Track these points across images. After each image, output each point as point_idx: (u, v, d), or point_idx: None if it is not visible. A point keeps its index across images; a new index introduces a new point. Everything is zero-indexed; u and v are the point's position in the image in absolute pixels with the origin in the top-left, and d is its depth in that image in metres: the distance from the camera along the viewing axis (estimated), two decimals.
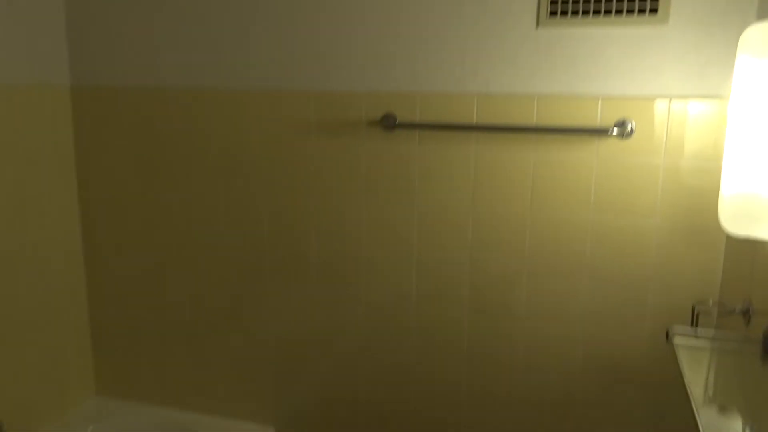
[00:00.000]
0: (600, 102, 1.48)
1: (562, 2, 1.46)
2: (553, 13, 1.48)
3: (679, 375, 1.11)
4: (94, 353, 2.06)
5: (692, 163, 1.46)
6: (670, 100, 1.44)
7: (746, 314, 1.27)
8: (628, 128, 1.47)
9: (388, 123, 1.61)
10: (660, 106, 1.45)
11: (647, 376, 1.58)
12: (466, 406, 1.74)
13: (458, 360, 1.71)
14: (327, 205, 1.72)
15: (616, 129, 1.47)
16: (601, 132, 1.47)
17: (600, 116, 1.48)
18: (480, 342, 1.69)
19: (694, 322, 1.29)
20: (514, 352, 1.67)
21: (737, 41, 1.38)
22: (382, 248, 1.70)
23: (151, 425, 1.93)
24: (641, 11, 1.42)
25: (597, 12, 1.45)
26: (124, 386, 2.06)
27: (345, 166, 1.69)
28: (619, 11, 1.43)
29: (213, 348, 1.94)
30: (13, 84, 1.70)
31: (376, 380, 1.80)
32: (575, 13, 1.46)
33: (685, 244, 1.49)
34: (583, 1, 1.45)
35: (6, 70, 1.68)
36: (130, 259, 1.94)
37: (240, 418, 1.95)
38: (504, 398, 1.70)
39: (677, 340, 1.23)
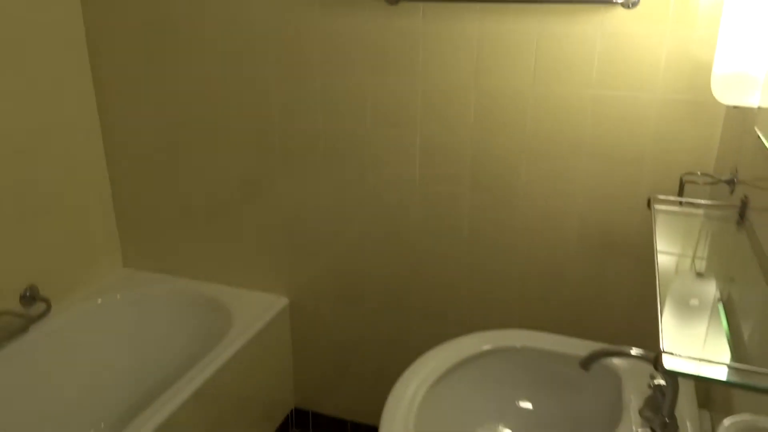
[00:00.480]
0: None
1: None
2: None
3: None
4: (119, 229, 2.20)
5: (700, 34, 1.43)
6: None
7: (731, 183, 1.29)
8: None
9: None
10: None
11: (640, 249, 1.64)
12: (466, 280, 1.83)
13: (459, 237, 1.79)
14: (332, 82, 1.75)
15: None
16: (606, 1, 1.44)
17: None
18: (480, 220, 1.75)
19: (681, 192, 1.32)
20: (513, 229, 1.73)
21: None
22: (386, 127, 1.74)
23: (176, 293, 2.09)
24: None
25: None
26: (149, 260, 2.21)
27: (349, 43, 1.70)
28: None
29: (229, 225, 2.05)
30: None
31: (381, 255, 1.90)
32: None
33: (684, 120, 1.49)
34: None
35: None
36: (146, 138, 2.02)
37: (257, 289, 2.09)
38: (502, 272, 1.78)
39: (658, 207, 1.27)
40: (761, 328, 0.95)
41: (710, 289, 1.09)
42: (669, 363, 0.76)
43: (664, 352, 0.76)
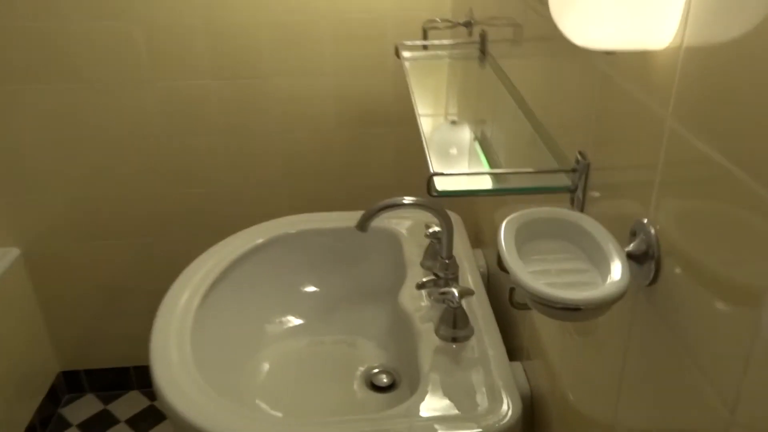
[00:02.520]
0: None
1: None
2: None
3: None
4: None
5: None
6: None
7: (469, 25, 1.29)
8: None
9: None
10: None
11: (397, 115, 1.62)
12: (228, 182, 1.67)
13: (213, 135, 1.60)
14: None
15: None
16: None
17: None
18: (230, 109, 1.57)
19: (424, 38, 1.29)
20: (266, 113, 1.59)
21: None
22: (100, 20, 1.44)
23: None
24: None
25: None
26: None
27: None
28: None
29: None
30: None
31: (131, 177, 1.64)
32: None
33: None
34: None
35: None
36: None
37: None
38: (267, 164, 1.65)
39: (406, 54, 1.22)
40: (513, 142, 0.96)
41: (465, 134, 1.08)
42: (441, 184, 0.71)
43: (434, 174, 0.70)
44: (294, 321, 1.26)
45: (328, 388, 1.13)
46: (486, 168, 0.89)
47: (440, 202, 1.08)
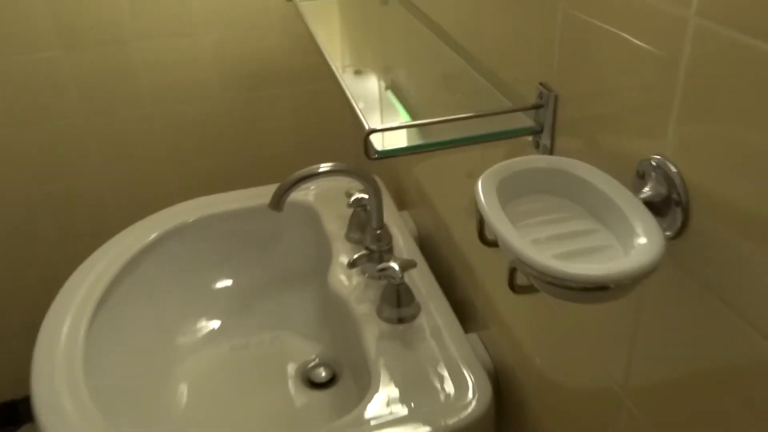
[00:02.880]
0: None
1: None
2: None
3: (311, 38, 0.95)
4: None
5: None
6: None
7: None
8: None
9: None
10: None
11: (292, 70, 1.44)
12: (97, 159, 1.42)
13: (71, 110, 1.34)
14: None
15: None
16: None
17: None
18: (90, 83, 1.33)
19: None
20: (135, 84, 1.35)
21: None
22: None
23: None
24: None
25: None
26: None
27: None
28: None
29: None
30: None
31: None
32: None
33: None
34: None
35: None
36: None
37: None
38: (144, 143, 1.42)
39: None
40: (443, 85, 0.82)
41: (373, 85, 0.94)
42: (379, 143, 0.56)
43: (371, 131, 0.55)
44: (209, 325, 1.08)
45: (262, 396, 0.97)
46: (408, 119, 0.75)
47: (364, 166, 0.94)
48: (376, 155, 0.55)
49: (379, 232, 0.94)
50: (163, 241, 1.07)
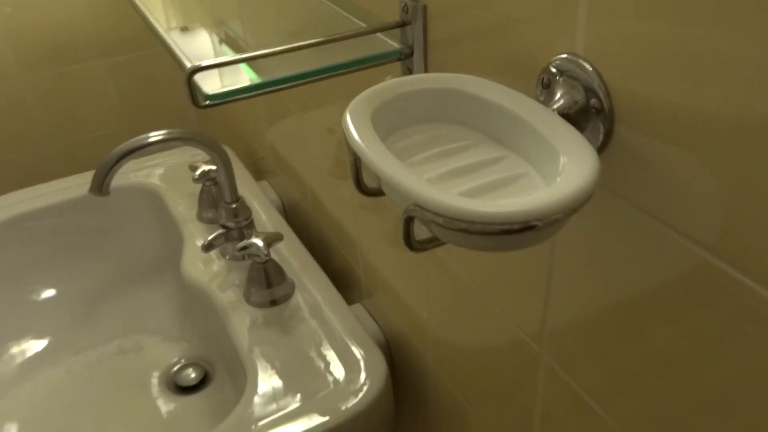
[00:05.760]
0: None
1: None
2: None
3: None
4: None
5: None
6: None
7: None
8: None
9: None
10: None
11: (107, 38, 1.23)
12: None
13: None
14: None
15: None
16: None
17: None
18: None
19: None
20: None
21: None
22: None
23: None
24: None
25: None
26: None
27: None
28: None
29: None
30: None
31: None
32: None
33: None
34: None
35: None
36: None
37: None
38: None
39: None
40: (286, 25, 0.70)
41: (205, 40, 0.81)
42: (208, 87, 0.43)
43: (194, 70, 0.42)
44: (37, 344, 0.88)
45: (121, 412, 0.81)
46: (250, 73, 0.63)
47: (204, 132, 0.79)
48: (207, 101, 0.42)
49: (234, 206, 0.81)
50: None
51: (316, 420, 0.64)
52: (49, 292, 0.92)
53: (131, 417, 0.82)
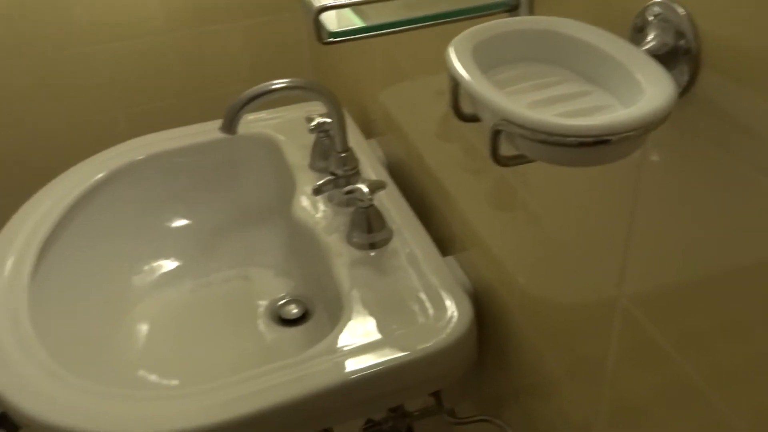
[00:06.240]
0: None
1: None
2: None
3: None
4: None
5: None
6: None
7: None
8: None
9: None
10: None
11: (238, 5, 1.34)
12: (34, 108, 1.32)
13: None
14: None
15: None
16: None
17: None
18: (24, 11, 1.21)
19: None
20: (68, 22, 1.24)
21: None
22: None
23: None
24: None
25: None
26: None
27: None
28: None
29: None
30: None
31: None
32: None
33: None
34: None
35: None
36: None
37: None
38: (78, 79, 1.32)
39: None
40: None
41: None
42: (331, 25, 0.49)
43: (322, 8, 0.47)
44: (168, 265, 1.00)
45: (229, 336, 0.92)
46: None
47: (322, 83, 0.87)
48: (330, 37, 0.48)
49: (344, 155, 0.88)
50: (112, 181, 0.98)
51: (400, 352, 0.69)
52: (182, 222, 1.04)
53: (237, 337, 0.92)
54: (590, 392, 0.59)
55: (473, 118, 0.39)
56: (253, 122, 1.08)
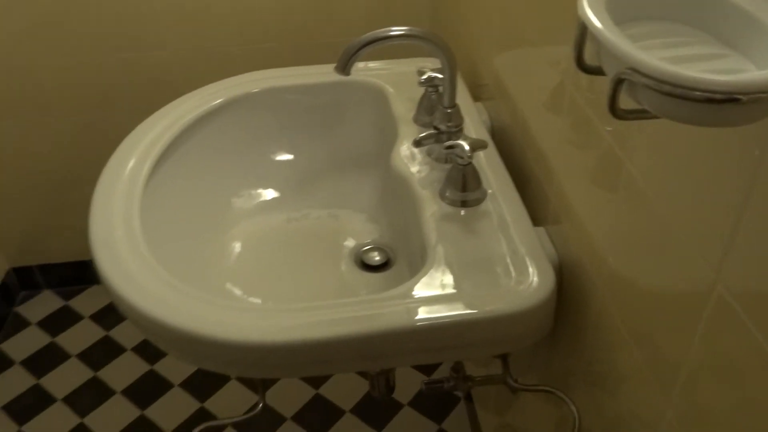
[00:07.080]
0: None
1: None
2: None
3: None
4: None
5: None
6: None
7: None
8: None
9: None
10: None
11: None
12: (174, 35, 1.40)
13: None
14: None
15: None
16: None
17: None
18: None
19: None
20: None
21: None
22: None
23: None
24: None
25: None
26: None
27: None
28: None
29: None
30: None
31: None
32: None
33: None
34: None
35: None
36: None
37: None
38: (211, 14, 1.38)
39: None
40: None
41: None
42: None
43: None
44: (267, 194, 1.06)
45: (311, 269, 0.96)
46: None
47: (438, 34, 0.86)
48: None
49: (450, 111, 0.88)
50: (228, 107, 1.04)
51: (473, 309, 0.70)
52: (285, 156, 1.08)
53: (318, 272, 0.96)
54: (658, 392, 0.57)
55: (595, 71, 0.39)
56: (364, 71, 1.10)
